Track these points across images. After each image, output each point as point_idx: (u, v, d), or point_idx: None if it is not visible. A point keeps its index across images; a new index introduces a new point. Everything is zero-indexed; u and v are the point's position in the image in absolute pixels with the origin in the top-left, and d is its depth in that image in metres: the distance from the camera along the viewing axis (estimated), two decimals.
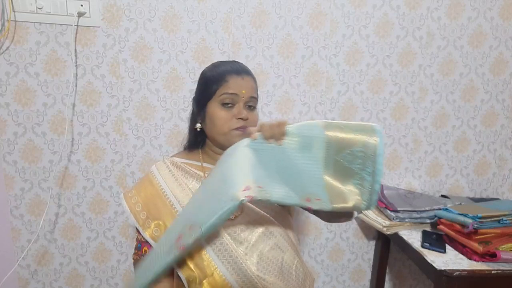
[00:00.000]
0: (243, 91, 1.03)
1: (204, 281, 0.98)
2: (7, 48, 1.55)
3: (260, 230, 1.03)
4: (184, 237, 0.92)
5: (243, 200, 0.85)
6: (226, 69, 1.06)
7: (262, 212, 1.06)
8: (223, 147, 1.06)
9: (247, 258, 0.99)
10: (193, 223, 0.91)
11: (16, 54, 1.56)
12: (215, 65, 1.12)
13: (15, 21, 1.53)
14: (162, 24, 1.61)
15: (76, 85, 1.62)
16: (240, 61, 1.15)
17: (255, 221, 1.04)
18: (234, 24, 1.65)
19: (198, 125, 1.11)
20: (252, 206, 1.06)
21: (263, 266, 1.00)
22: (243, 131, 1.02)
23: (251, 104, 1.06)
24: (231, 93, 1.03)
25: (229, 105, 1.04)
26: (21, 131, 1.63)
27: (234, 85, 1.03)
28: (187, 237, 0.91)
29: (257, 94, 1.10)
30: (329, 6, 1.68)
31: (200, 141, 1.15)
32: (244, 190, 0.87)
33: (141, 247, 1.09)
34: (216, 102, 1.04)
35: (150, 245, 1.05)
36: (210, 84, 1.07)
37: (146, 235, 1.05)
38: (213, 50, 1.66)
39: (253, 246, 1.01)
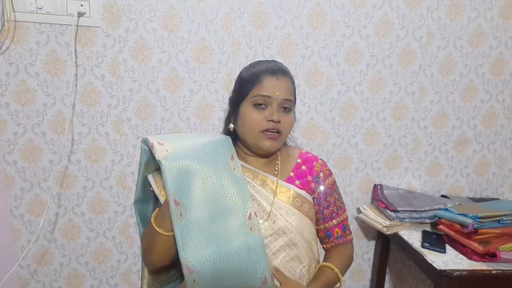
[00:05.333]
0: (277, 93, 0.99)
1: None
2: (7, 48, 1.55)
3: (284, 239, 1.00)
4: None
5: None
6: (262, 69, 1.02)
7: (289, 221, 1.02)
8: (252, 149, 1.05)
9: None
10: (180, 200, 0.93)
11: (16, 54, 1.56)
12: (253, 64, 1.07)
13: (15, 21, 1.53)
14: (162, 24, 1.61)
15: (76, 85, 1.62)
16: (241, 62, 1.13)
17: (280, 229, 1.01)
18: (234, 24, 1.65)
19: (231, 125, 1.07)
20: (279, 214, 1.02)
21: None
22: (273, 137, 1.00)
23: (287, 106, 1.01)
24: (264, 95, 0.98)
25: (262, 106, 0.99)
26: (21, 131, 1.63)
27: (267, 86, 0.99)
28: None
29: (294, 96, 1.05)
30: (329, 6, 1.68)
31: (233, 139, 1.12)
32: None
33: None
34: (249, 103, 1.00)
35: None
36: (244, 84, 1.03)
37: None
38: (213, 50, 1.66)
39: (273, 254, 0.99)
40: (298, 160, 1.11)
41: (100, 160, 1.71)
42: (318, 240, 1.13)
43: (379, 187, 1.84)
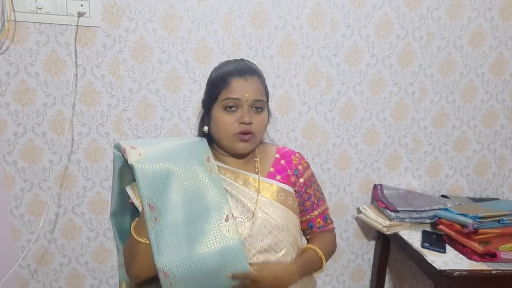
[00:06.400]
0: (246, 95, 0.99)
1: None
2: (7, 48, 1.55)
3: (270, 237, 1.00)
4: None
5: None
6: (229, 70, 1.02)
7: (274, 218, 1.02)
8: (227, 151, 1.05)
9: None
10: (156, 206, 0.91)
11: (16, 54, 1.56)
12: (221, 65, 1.07)
13: (15, 21, 1.53)
14: (162, 24, 1.61)
15: (76, 85, 1.62)
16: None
17: (265, 227, 1.00)
18: (234, 24, 1.65)
19: (206, 128, 1.07)
20: (264, 211, 1.02)
21: None
22: (246, 138, 1.00)
23: (258, 106, 1.01)
24: (233, 98, 0.99)
25: (233, 109, 1.00)
26: (21, 131, 1.63)
27: (236, 88, 0.99)
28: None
29: (266, 95, 1.05)
30: (329, 6, 1.68)
31: (209, 141, 1.12)
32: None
33: None
34: (220, 106, 1.00)
35: None
36: (214, 87, 1.03)
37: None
38: (213, 50, 1.66)
39: (259, 252, 0.99)
40: (277, 155, 1.12)
41: (100, 160, 1.71)
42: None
43: (379, 187, 1.84)
